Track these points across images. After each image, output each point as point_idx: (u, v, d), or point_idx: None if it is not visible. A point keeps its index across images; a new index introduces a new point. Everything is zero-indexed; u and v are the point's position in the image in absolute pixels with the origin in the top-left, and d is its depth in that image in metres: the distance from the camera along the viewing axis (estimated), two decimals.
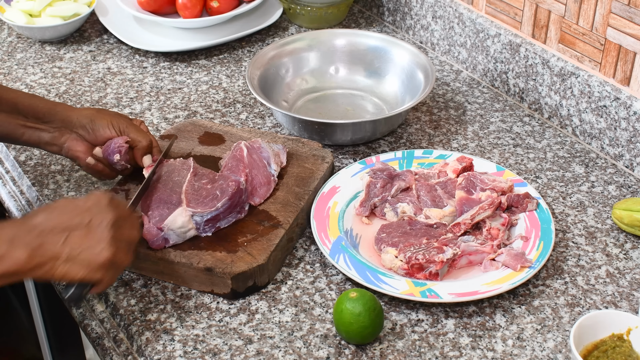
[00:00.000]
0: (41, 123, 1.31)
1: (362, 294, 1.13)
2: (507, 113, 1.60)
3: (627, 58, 1.41)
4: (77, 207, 1.07)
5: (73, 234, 1.04)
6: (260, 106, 1.62)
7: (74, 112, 1.32)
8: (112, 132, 1.32)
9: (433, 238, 1.25)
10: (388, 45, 1.64)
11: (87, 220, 1.06)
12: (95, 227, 1.05)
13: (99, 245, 1.05)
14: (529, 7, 1.56)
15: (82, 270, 1.04)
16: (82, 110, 1.34)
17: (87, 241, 1.05)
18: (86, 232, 1.05)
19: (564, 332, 1.17)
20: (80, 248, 1.04)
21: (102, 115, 1.33)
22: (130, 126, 1.33)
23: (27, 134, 1.31)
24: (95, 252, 1.04)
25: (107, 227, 1.06)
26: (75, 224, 1.05)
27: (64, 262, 1.03)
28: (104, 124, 1.32)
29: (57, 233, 1.04)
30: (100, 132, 1.31)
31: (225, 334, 1.16)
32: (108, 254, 1.05)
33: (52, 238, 1.03)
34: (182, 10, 1.80)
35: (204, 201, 1.25)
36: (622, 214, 1.31)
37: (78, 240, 1.04)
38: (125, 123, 1.33)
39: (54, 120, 1.31)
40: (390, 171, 1.36)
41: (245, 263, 1.20)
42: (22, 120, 1.31)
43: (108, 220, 1.07)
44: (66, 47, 1.82)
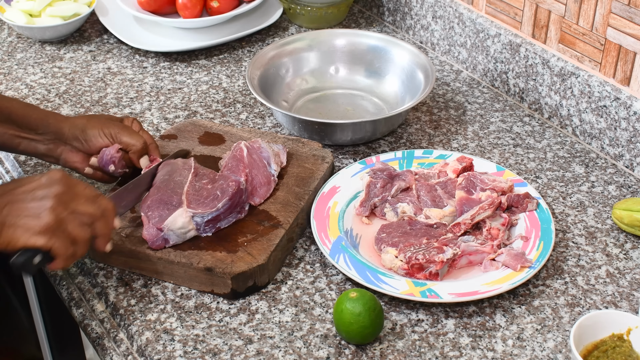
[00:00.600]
0: (36, 134, 1.31)
1: (362, 294, 1.13)
2: (507, 113, 1.60)
3: (627, 58, 1.41)
4: (29, 180, 1.10)
5: (16, 204, 1.06)
6: (260, 106, 1.62)
7: (66, 124, 1.32)
8: (104, 140, 1.31)
9: (433, 238, 1.25)
10: (388, 45, 1.64)
11: (33, 190, 1.08)
12: (38, 197, 1.07)
13: (40, 211, 1.06)
14: (529, 7, 1.56)
15: (23, 235, 1.05)
16: (74, 120, 1.33)
17: (29, 209, 1.06)
18: (29, 200, 1.07)
19: (564, 332, 1.17)
20: (21, 215, 1.06)
21: (93, 124, 1.32)
22: (122, 131, 1.32)
23: (23, 145, 1.32)
24: (34, 218, 1.06)
25: (50, 197, 1.08)
26: (20, 194, 1.08)
27: (6, 229, 1.05)
28: (95, 133, 1.31)
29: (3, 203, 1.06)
30: (93, 141, 1.31)
31: (225, 334, 1.16)
32: (46, 220, 1.06)
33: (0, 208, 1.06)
34: (182, 10, 1.80)
35: (204, 202, 1.25)
36: (622, 214, 1.31)
37: (20, 209, 1.06)
38: (116, 128, 1.32)
39: (47, 132, 1.31)
40: (390, 171, 1.36)
41: (245, 263, 1.20)
42: (17, 131, 1.31)
43: (53, 191, 1.08)
44: (66, 47, 1.82)
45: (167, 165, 1.32)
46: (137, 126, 1.36)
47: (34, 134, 1.31)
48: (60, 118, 1.33)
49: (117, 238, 1.24)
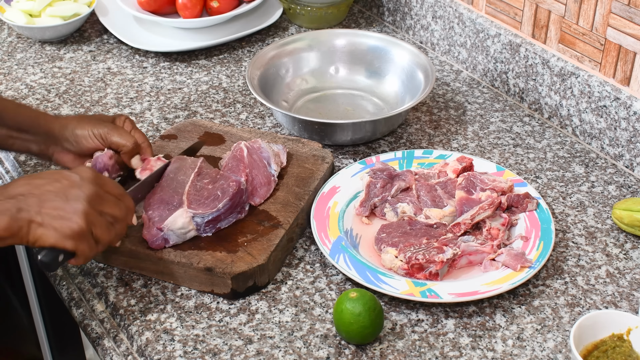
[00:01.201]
0: (28, 134, 1.31)
1: (362, 294, 1.13)
2: (507, 113, 1.60)
3: (627, 58, 1.41)
4: (60, 177, 1.09)
5: (49, 202, 1.06)
6: (260, 106, 1.62)
7: (56, 124, 1.31)
8: (94, 141, 1.30)
9: (433, 238, 1.25)
10: (388, 45, 1.64)
11: (67, 190, 1.08)
12: (72, 198, 1.07)
13: (73, 215, 1.06)
14: (529, 7, 1.56)
15: (54, 236, 1.06)
16: (65, 121, 1.31)
17: (62, 210, 1.06)
18: (63, 200, 1.07)
19: (564, 332, 1.17)
20: (54, 215, 1.06)
21: (82, 125, 1.30)
22: (112, 131, 1.30)
23: (16, 145, 1.32)
24: (67, 220, 1.06)
25: (84, 199, 1.08)
26: (54, 194, 1.07)
27: (38, 227, 1.05)
28: (85, 134, 1.29)
29: (34, 199, 1.06)
30: (83, 143, 1.30)
31: (225, 334, 1.16)
32: (79, 225, 1.07)
33: (29, 202, 1.06)
34: (182, 10, 1.80)
35: (205, 202, 1.25)
36: (622, 214, 1.31)
37: (53, 208, 1.06)
38: (106, 128, 1.30)
39: (38, 133, 1.31)
40: (390, 171, 1.36)
41: (245, 263, 1.20)
42: (9, 131, 1.30)
43: (87, 193, 1.08)
44: (66, 47, 1.82)
45: (178, 161, 1.32)
46: (129, 125, 1.34)
47: (26, 134, 1.31)
48: (51, 119, 1.32)
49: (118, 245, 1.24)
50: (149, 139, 1.52)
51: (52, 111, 1.61)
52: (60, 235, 1.06)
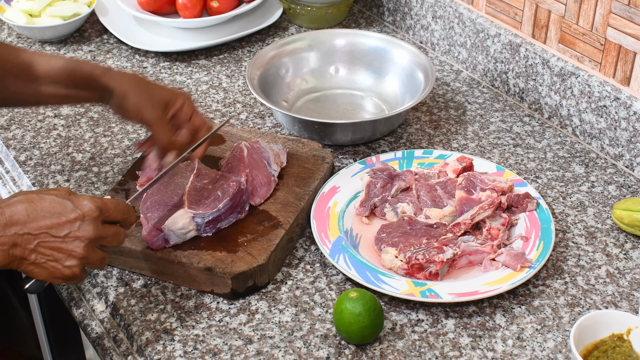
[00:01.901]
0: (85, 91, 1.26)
1: (362, 294, 1.13)
2: (507, 113, 1.60)
3: (627, 58, 1.41)
4: (63, 212, 1.04)
5: (46, 241, 1.03)
6: (260, 106, 1.62)
7: (111, 82, 1.24)
8: (137, 121, 1.26)
9: (433, 238, 1.25)
10: (388, 45, 1.64)
11: (66, 232, 1.04)
12: (70, 242, 1.04)
13: (68, 260, 1.05)
14: (529, 7, 1.56)
15: (45, 276, 1.05)
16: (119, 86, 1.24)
17: (57, 252, 1.04)
18: (60, 243, 1.04)
19: (564, 332, 1.17)
20: (50, 258, 1.04)
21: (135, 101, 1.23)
22: (155, 121, 1.24)
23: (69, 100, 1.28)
24: (61, 265, 1.05)
25: (82, 245, 1.05)
26: (53, 231, 1.04)
27: (30, 265, 1.04)
28: (131, 114, 1.25)
29: (31, 236, 1.03)
30: (129, 117, 1.26)
31: (225, 334, 1.16)
32: (74, 271, 1.05)
33: (25, 239, 1.02)
34: (182, 10, 1.80)
35: (205, 202, 1.25)
36: (622, 214, 1.31)
37: (49, 249, 1.04)
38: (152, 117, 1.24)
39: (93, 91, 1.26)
40: (390, 171, 1.36)
41: (245, 263, 1.20)
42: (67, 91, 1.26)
43: (86, 237, 1.05)
44: (66, 47, 1.82)
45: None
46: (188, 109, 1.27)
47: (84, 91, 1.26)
48: (106, 78, 1.25)
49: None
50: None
51: (51, 111, 1.61)
52: (51, 277, 1.05)
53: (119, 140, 1.53)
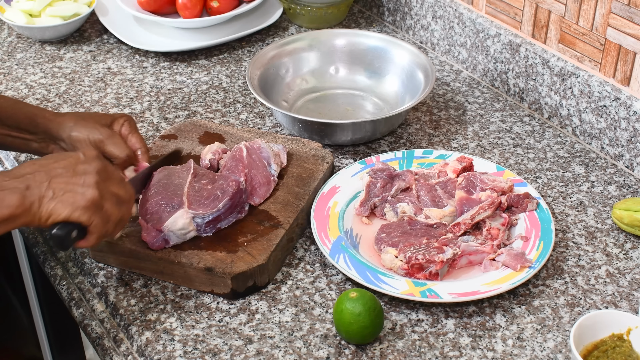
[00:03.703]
0: (26, 133, 1.29)
1: (362, 294, 1.13)
2: (507, 113, 1.60)
3: (627, 58, 1.41)
4: (66, 156, 1.09)
5: (58, 176, 1.06)
6: (260, 106, 1.62)
7: (54, 124, 1.28)
8: (88, 147, 1.27)
9: (433, 238, 1.25)
10: (388, 45, 1.64)
11: (73, 165, 1.08)
12: (80, 172, 1.07)
13: (83, 187, 1.06)
14: (529, 7, 1.56)
15: (66, 209, 1.05)
16: (62, 120, 1.28)
17: (72, 183, 1.06)
18: (71, 175, 1.07)
19: (564, 332, 1.17)
20: (65, 189, 1.05)
21: (79, 128, 1.27)
22: (107, 139, 1.26)
23: (16, 143, 1.30)
24: (79, 192, 1.06)
25: (92, 172, 1.08)
26: (61, 168, 1.07)
27: (49, 201, 1.04)
28: (81, 139, 1.27)
29: (42, 175, 1.05)
30: (79, 147, 1.27)
31: (225, 334, 1.17)
32: (92, 195, 1.06)
33: (37, 179, 1.05)
34: (182, 10, 1.80)
35: (205, 202, 1.25)
36: (622, 214, 1.31)
37: (63, 181, 1.06)
38: (102, 136, 1.26)
39: (37, 132, 1.29)
40: (390, 171, 1.36)
41: (245, 263, 1.20)
42: (7, 130, 1.29)
43: (93, 167, 1.08)
44: (66, 47, 1.82)
45: (164, 170, 1.32)
46: (127, 129, 1.30)
47: (25, 133, 1.29)
48: (49, 117, 1.29)
49: (117, 238, 1.24)
50: (149, 139, 1.52)
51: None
52: (73, 207, 1.05)
53: None
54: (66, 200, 1.05)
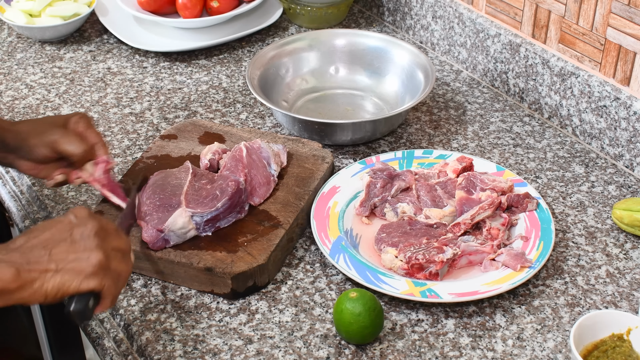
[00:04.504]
0: None
1: (362, 294, 1.13)
2: (507, 113, 1.60)
3: (627, 58, 1.41)
4: (57, 223, 1.03)
5: (57, 247, 1.01)
6: (260, 106, 1.62)
7: (9, 134, 1.24)
8: (46, 150, 1.23)
9: (433, 238, 1.25)
10: (388, 45, 1.64)
11: (69, 233, 1.02)
12: (78, 238, 1.02)
13: (86, 253, 1.01)
14: (529, 7, 1.56)
15: (75, 279, 0.99)
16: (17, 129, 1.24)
17: (73, 252, 1.01)
18: (70, 243, 1.01)
19: (564, 332, 1.17)
20: (68, 259, 1.00)
21: (33, 134, 1.23)
22: (61, 138, 1.22)
23: None
24: (83, 260, 1.00)
25: (91, 235, 1.02)
26: (58, 239, 1.02)
27: (54, 274, 0.99)
28: (36, 143, 1.23)
29: (40, 249, 1.00)
30: (37, 153, 1.23)
31: (225, 334, 1.17)
32: (97, 259, 1.01)
33: (36, 254, 0.99)
34: (182, 10, 1.80)
35: (203, 201, 1.25)
36: (622, 214, 1.31)
37: (64, 252, 1.00)
38: (55, 136, 1.22)
39: None
40: (390, 171, 1.36)
41: (245, 263, 1.20)
42: None
43: (90, 229, 1.03)
44: (66, 47, 1.82)
45: (160, 173, 1.32)
46: (82, 126, 1.26)
47: None
48: (6, 127, 1.25)
49: None
50: (149, 139, 1.52)
51: (51, 111, 1.61)
52: (81, 276, 1.00)
53: (119, 140, 1.53)
54: (72, 270, 0.99)
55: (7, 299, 0.97)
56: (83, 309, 1.01)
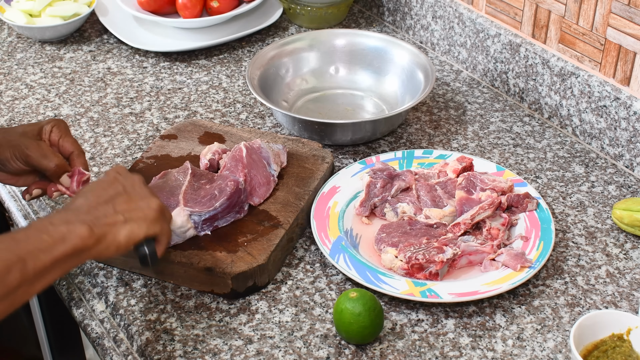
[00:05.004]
0: None
1: (362, 294, 1.13)
2: (507, 113, 1.60)
3: (627, 58, 1.41)
4: (104, 182, 1.09)
5: (117, 201, 1.06)
6: (260, 106, 1.62)
7: None
8: (17, 164, 1.20)
9: (433, 238, 1.25)
10: (388, 45, 1.64)
11: (121, 187, 1.08)
12: (131, 189, 1.08)
13: (145, 200, 1.08)
14: (529, 7, 1.56)
15: (142, 226, 1.06)
16: None
17: (133, 202, 1.07)
18: (127, 195, 1.07)
19: (564, 332, 1.17)
20: (131, 209, 1.06)
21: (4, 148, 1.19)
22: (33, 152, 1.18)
23: None
24: (146, 207, 1.07)
25: (140, 184, 1.10)
26: (114, 194, 1.07)
27: (124, 224, 1.04)
28: (7, 156, 1.19)
29: (103, 205, 1.05)
30: (9, 167, 1.21)
31: (225, 334, 1.17)
32: (156, 204, 1.08)
33: (102, 210, 1.04)
34: (182, 10, 1.80)
35: (201, 201, 1.25)
36: (622, 214, 1.31)
37: (124, 203, 1.06)
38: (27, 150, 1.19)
39: None
40: (390, 171, 1.36)
41: (245, 263, 1.20)
42: None
43: (137, 179, 1.10)
44: (66, 47, 1.82)
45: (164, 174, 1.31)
46: (56, 134, 1.22)
47: None
48: None
49: None
50: (149, 139, 1.52)
51: (51, 111, 1.61)
52: (147, 223, 1.06)
53: (119, 140, 1.53)
54: (138, 218, 1.06)
55: (85, 256, 1.01)
56: (154, 251, 1.09)
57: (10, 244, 0.95)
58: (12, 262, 0.94)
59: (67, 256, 0.98)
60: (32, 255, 0.95)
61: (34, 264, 0.95)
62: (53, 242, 0.97)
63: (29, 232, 0.98)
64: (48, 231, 0.98)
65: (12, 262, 0.93)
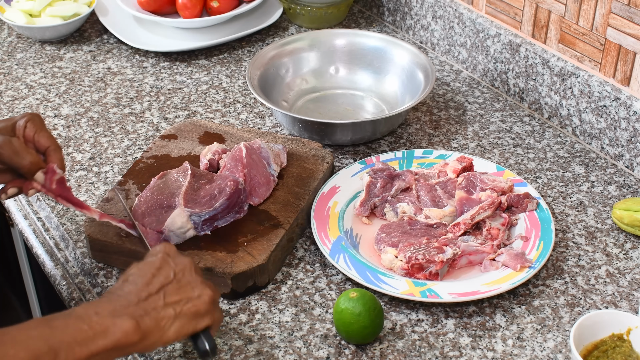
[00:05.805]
0: None
1: (362, 294, 1.13)
2: (507, 113, 1.60)
3: (627, 58, 1.41)
4: (154, 265, 1.02)
5: (168, 290, 1.00)
6: (260, 106, 1.62)
7: None
8: None
9: (433, 238, 1.25)
10: (388, 45, 1.64)
11: (172, 272, 1.02)
12: (182, 277, 1.02)
13: (196, 290, 1.01)
14: (529, 7, 1.56)
15: (193, 322, 1.00)
16: None
17: (184, 292, 1.01)
18: (177, 284, 1.01)
19: (564, 332, 1.17)
20: (182, 302, 1.00)
21: None
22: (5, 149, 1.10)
23: None
24: (196, 299, 1.01)
25: (191, 271, 1.03)
26: (165, 281, 1.01)
27: (174, 321, 0.98)
28: None
29: (153, 296, 0.99)
30: None
31: (225, 334, 1.16)
32: (209, 296, 1.02)
33: (152, 302, 0.98)
34: (182, 10, 1.80)
35: (201, 201, 1.25)
36: (622, 214, 1.31)
37: (176, 294, 1.00)
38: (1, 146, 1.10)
39: None
40: (390, 171, 1.36)
41: (245, 263, 1.20)
42: None
43: (188, 264, 1.04)
44: (66, 47, 1.82)
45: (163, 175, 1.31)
46: (31, 130, 1.14)
47: None
48: None
49: (117, 238, 1.24)
50: (149, 139, 1.52)
51: (51, 111, 1.61)
52: (198, 318, 1.00)
53: (119, 140, 1.53)
54: (189, 313, 0.99)
55: (127, 351, 0.95)
56: (214, 345, 1.02)
57: (44, 331, 0.89)
58: (42, 352, 0.87)
59: (106, 351, 0.91)
60: (67, 346, 0.89)
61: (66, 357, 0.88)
62: (93, 334, 0.91)
63: (68, 320, 0.91)
64: (90, 321, 0.92)
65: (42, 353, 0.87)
